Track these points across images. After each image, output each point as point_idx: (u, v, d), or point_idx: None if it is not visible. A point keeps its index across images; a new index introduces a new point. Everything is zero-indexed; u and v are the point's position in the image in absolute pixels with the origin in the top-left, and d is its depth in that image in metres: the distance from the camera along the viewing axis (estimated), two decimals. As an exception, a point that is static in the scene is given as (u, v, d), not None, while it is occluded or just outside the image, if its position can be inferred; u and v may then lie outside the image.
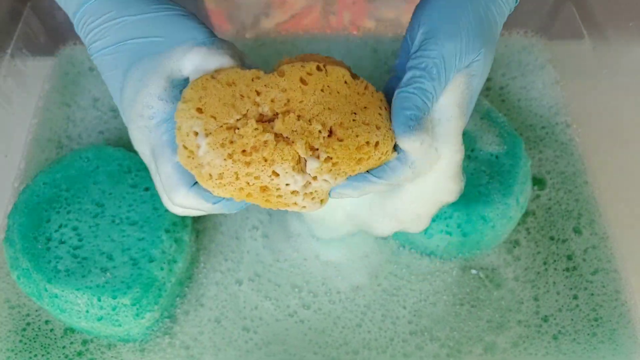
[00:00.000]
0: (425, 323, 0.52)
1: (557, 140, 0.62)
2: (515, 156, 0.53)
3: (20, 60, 0.62)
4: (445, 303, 0.53)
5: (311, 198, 0.38)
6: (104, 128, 0.62)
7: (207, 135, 0.36)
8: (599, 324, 0.52)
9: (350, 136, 0.37)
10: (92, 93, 0.64)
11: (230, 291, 0.53)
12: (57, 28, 0.66)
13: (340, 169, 0.37)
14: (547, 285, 0.54)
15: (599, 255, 0.55)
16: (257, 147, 0.36)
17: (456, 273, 0.54)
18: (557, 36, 0.68)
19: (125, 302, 0.46)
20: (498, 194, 0.51)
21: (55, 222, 0.49)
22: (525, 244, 0.56)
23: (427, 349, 0.50)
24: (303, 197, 0.38)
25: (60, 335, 0.51)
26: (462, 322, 0.52)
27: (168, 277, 0.49)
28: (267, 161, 0.36)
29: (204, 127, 0.36)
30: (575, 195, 0.59)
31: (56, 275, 0.46)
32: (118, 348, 0.50)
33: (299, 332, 0.51)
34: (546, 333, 0.52)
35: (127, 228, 0.49)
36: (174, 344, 0.50)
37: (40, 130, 0.61)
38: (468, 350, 0.50)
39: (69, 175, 0.51)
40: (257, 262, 0.54)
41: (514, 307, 0.53)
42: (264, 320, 0.51)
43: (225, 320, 0.51)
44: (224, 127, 0.36)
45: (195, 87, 0.37)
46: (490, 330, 0.52)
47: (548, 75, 0.66)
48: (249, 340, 0.51)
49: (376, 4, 0.67)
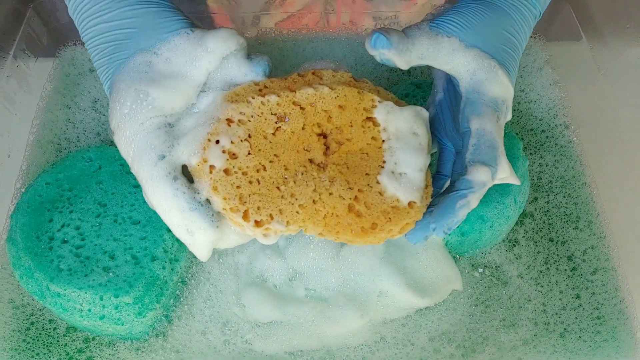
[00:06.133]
0: (444, 327, 0.52)
1: (556, 144, 0.62)
2: (514, 156, 0.53)
3: (22, 61, 0.62)
4: (463, 305, 0.53)
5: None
6: (101, 130, 0.62)
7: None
8: (602, 322, 0.53)
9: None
10: (91, 94, 0.64)
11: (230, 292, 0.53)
12: (59, 29, 0.67)
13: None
14: (550, 284, 0.54)
15: (597, 255, 0.56)
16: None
17: (468, 272, 0.55)
18: (555, 38, 0.69)
19: (127, 301, 0.46)
20: (496, 193, 0.52)
21: (58, 221, 0.49)
22: (524, 242, 0.56)
23: (444, 351, 0.51)
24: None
25: (62, 333, 0.51)
26: (477, 322, 0.52)
27: (170, 276, 0.49)
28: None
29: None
30: (574, 198, 0.59)
31: (59, 274, 0.46)
32: (117, 346, 0.50)
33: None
34: (553, 331, 0.52)
35: (130, 227, 0.49)
36: (165, 346, 0.51)
37: (42, 132, 0.61)
38: (482, 349, 0.51)
39: (72, 175, 0.52)
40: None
41: (523, 304, 0.53)
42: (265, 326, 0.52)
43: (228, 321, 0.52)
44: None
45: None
46: (504, 328, 0.52)
47: (546, 76, 0.67)
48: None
49: (376, 2, 0.67)
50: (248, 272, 0.53)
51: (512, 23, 0.43)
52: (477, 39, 0.42)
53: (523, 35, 0.44)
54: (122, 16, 0.41)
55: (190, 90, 0.41)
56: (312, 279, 0.52)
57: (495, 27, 0.42)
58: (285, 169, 0.40)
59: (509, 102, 0.42)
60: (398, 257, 0.52)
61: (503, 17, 0.42)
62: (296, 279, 0.52)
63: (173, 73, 0.41)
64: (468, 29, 0.42)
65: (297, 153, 0.41)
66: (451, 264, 0.53)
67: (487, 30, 0.42)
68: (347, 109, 0.42)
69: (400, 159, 0.40)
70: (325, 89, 0.42)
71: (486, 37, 0.42)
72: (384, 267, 0.51)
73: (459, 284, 0.53)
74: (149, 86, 0.40)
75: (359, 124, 0.42)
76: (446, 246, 0.53)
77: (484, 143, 0.40)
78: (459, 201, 0.39)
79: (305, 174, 0.40)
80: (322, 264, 0.52)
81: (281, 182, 0.40)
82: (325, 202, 0.39)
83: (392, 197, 0.40)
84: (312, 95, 0.42)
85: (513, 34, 0.43)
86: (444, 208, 0.39)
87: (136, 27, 0.41)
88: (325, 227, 0.39)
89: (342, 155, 0.41)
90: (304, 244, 0.52)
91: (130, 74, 0.40)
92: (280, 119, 0.41)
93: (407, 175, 0.40)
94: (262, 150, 0.40)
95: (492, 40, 0.42)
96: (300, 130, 0.41)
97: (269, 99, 0.41)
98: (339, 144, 0.41)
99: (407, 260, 0.52)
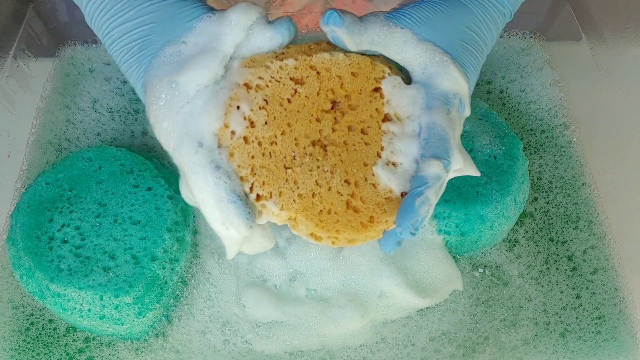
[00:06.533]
0: (445, 328, 0.52)
1: (556, 144, 0.62)
2: (513, 156, 0.53)
3: (22, 61, 0.62)
4: (464, 305, 0.53)
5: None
6: (101, 130, 0.62)
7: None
8: (602, 322, 0.53)
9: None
10: (91, 94, 0.64)
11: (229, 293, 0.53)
12: (59, 29, 0.67)
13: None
14: (550, 284, 0.54)
15: (597, 254, 0.56)
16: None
17: (469, 272, 0.55)
18: (555, 38, 0.69)
19: (127, 301, 0.46)
20: (496, 193, 0.52)
21: (58, 221, 0.49)
22: (525, 242, 0.56)
23: (445, 351, 0.51)
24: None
25: (62, 333, 0.51)
26: (477, 322, 0.52)
27: (170, 275, 0.49)
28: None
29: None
30: (574, 198, 0.59)
31: (59, 274, 0.46)
32: (117, 346, 0.50)
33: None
34: (554, 331, 0.52)
35: (129, 227, 0.49)
36: (165, 346, 0.51)
37: (42, 132, 0.61)
38: (482, 349, 0.51)
39: (72, 175, 0.52)
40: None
41: (524, 304, 0.53)
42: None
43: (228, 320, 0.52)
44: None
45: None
46: (504, 328, 0.52)
47: (546, 76, 0.67)
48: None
49: (376, 2, 0.67)
50: (248, 272, 0.53)
51: (474, 20, 0.43)
52: (430, 33, 0.42)
53: (488, 32, 0.44)
54: (143, 12, 0.41)
55: (217, 65, 0.41)
56: (313, 279, 0.52)
57: (453, 22, 0.42)
58: (296, 143, 0.41)
59: (463, 96, 0.42)
60: (398, 258, 0.52)
61: (464, 14, 0.43)
62: (296, 279, 0.52)
63: (201, 52, 0.41)
64: (422, 23, 0.42)
65: (309, 123, 0.41)
66: (451, 264, 0.53)
67: (443, 25, 0.42)
68: (359, 76, 0.43)
69: (397, 148, 0.41)
70: (341, 55, 0.43)
71: (441, 31, 0.42)
72: (385, 267, 0.51)
73: (460, 284, 0.53)
74: (179, 75, 0.40)
75: (368, 92, 0.43)
76: (446, 246, 0.53)
77: (434, 137, 0.40)
78: (417, 199, 0.39)
79: (311, 159, 0.40)
80: (322, 264, 0.52)
81: (289, 161, 0.40)
82: (323, 197, 0.40)
83: (385, 189, 0.40)
84: (328, 60, 0.43)
85: (475, 30, 0.43)
86: (404, 209, 0.40)
87: (158, 21, 0.41)
88: (320, 223, 0.39)
89: (344, 132, 0.42)
90: (305, 244, 0.52)
91: (162, 67, 0.40)
92: (298, 82, 0.42)
93: (402, 166, 0.41)
94: (277, 119, 0.41)
95: (448, 35, 0.42)
96: (315, 95, 0.42)
97: (287, 63, 0.42)
98: (343, 113, 0.42)
99: (407, 260, 0.52)
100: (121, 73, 0.65)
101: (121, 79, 0.65)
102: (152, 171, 0.52)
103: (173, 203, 0.51)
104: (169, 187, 0.51)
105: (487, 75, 0.67)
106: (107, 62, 0.66)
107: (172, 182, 0.53)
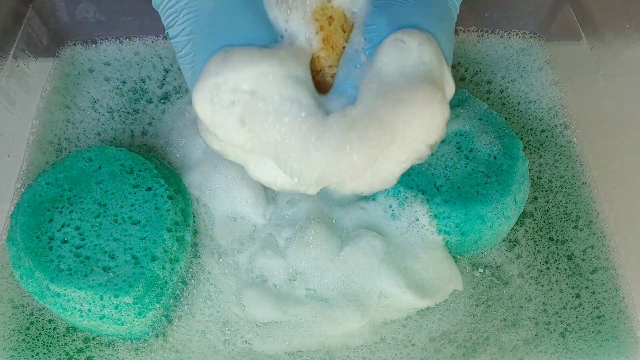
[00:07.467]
0: (445, 328, 0.52)
1: (556, 144, 0.62)
2: (513, 156, 0.53)
3: (22, 61, 0.62)
4: (464, 305, 0.53)
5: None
6: (101, 130, 0.62)
7: None
8: (602, 322, 0.53)
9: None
10: (91, 94, 0.64)
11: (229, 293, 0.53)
12: (59, 29, 0.67)
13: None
14: (550, 284, 0.54)
15: (597, 254, 0.56)
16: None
17: (469, 272, 0.55)
18: (555, 38, 0.69)
19: (127, 301, 0.46)
20: (496, 193, 0.52)
21: (58, 221, 0.49)
22: (525, 242, 0.56)
23: (445, 352, 0.51)
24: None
25: (62, 333, 0.51)
26: (478, 322, 0.52)
27: (170, 275, 0.49)
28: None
29: None
30: (574, 198, 0.59)
31: (59, 274, 0.46)
32: (117, 346, 0.50)
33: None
34: (554, 331, 0.52)
35: (129, 227, 0.49)
36: (165, 346, 0.51)
37: (42, 132, 0.61)
38: (483, 349, 0.51)
39: (72, 175, 0.52)
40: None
41: (524, 304, 0.53)
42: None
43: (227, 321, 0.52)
44: None
45: None
46: (505, 328, 0.52)
47: (546, 76, 0.67)
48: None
49: (376, 3, 0.67)
50: (248, 272, 0.53)
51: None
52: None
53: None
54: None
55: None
56: (313, 279, 0.52)
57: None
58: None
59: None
60: (398, 258, 0.52)
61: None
62: (296, 279, 0.52)
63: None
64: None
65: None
66: (451, 264, 0.53)
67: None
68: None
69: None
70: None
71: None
72: (384, 267, 0.51)
73: (460, 284, 0.53)
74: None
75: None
76: (446, 246, 0.53)
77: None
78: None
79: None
80: (322, 264, 0.52)
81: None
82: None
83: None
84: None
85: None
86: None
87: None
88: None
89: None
90: (304, 244, 0.52)
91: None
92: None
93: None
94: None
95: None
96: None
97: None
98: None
99: (407, 260, 0.52)
100: (121, 73, 0.65)
101: (121, 79, 0.65)
102: (152, 171, 0.52)
103: (173, 203, 0.51)
104: (169, 187, 0.51)
105: (487, 75, 0.67)
106: (107, 62, 0.66)
107: (172, 182, 0.53)
